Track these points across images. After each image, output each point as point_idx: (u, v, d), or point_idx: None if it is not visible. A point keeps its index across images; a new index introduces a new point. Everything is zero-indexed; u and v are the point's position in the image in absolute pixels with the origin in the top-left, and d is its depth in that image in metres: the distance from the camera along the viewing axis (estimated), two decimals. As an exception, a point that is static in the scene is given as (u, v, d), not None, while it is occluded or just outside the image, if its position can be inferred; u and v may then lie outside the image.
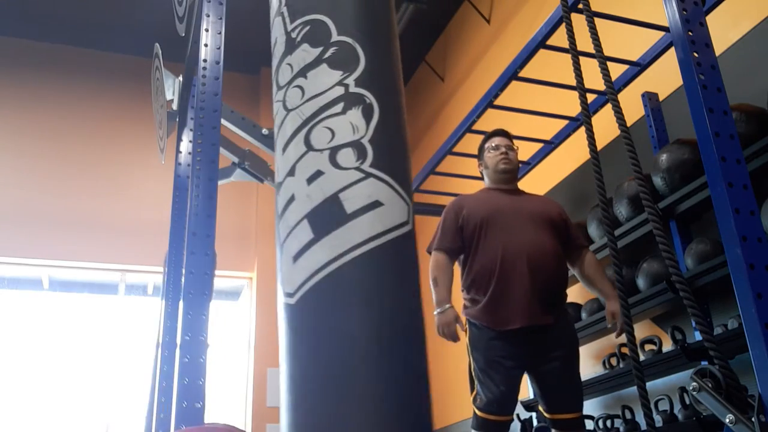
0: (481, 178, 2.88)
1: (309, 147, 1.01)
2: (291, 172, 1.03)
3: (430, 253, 2.67)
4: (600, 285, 2.65)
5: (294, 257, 0.98)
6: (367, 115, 1.02)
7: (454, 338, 2.52)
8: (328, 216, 0.96)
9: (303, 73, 1.06)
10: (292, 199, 1.01)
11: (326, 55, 1.05)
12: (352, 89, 1.03)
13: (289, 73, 1.09)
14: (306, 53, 1.07)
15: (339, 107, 1.02)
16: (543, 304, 2.44)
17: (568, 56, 2.18)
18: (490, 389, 2.36)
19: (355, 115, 1.02)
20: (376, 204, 0.97)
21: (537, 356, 2.42)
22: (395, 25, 1.17)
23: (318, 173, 0.99)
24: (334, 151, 0.99)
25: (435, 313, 2.53)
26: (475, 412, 2.41)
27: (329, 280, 0.93)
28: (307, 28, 1.08)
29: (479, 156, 2.86)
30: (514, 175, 2.79)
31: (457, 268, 2.67)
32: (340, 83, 1.03)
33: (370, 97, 1.03)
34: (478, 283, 2.52)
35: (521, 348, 2.41)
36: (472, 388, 2.47)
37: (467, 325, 2.56)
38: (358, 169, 0.98)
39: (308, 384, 0.90)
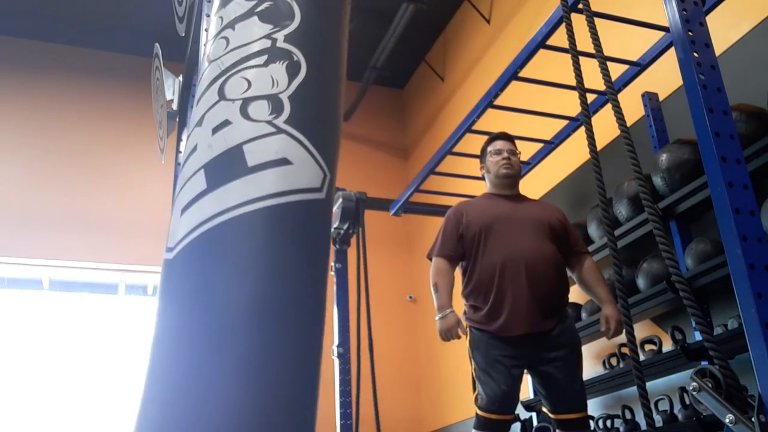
0: (482, 179, 2.88)
1: (222, 96, 0.93)
2: (199, 122, 0.93)
3: (430, 259, 2.68)
4: (596, 290, 2.66)
5: (183, 209, 0.88)
6: (292, 71, 0.95)
7: (457, 337, 2.57)
8: (226, 167, 0.86)
9: (232, 24, 1.00)
10: (194, 149, 0.91)
11: (259, 9, 0.99)
12: (280, 44, 0.96)
13: (218, 26, 1.03)
14: (238, 6, 1.01)
15: (261, 59, 0.95)
16: (543, 311, 2.46)
17: (568, 56, 2.19)
18: (491, 388, 2.37)
19: (278, 69, 0.94)
20: (283, 161, 0.87)
21: (538, 357, 2.43)
22: None
23: (225, 123, 0.90)
24: (246, 102, 0.91)
25: (437, 318, 2.57)
26: (476, 412, 2.42)
27: (213, 233, 0.82)
28: None
29: (481, 158, 2.86)
30: (515, 180, 2.78)
31: (457, 273, 2.68)
32: (267, 36, 0.97)
33: (298, 55, 0.96)
34: (477, 291, 2.54)
35: (522, 350, 2.43)
36: (474, 389, 2.49)
37: (468, 329, 2.58)
38: (270, 123, 0.90)
39: (172, 347, 0.78)
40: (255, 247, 0.82)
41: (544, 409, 2.55)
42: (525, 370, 2.50)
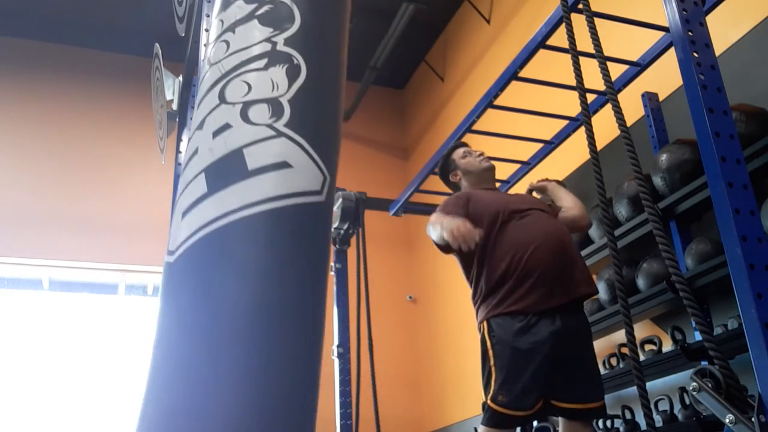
0: (456, 191, 2.83)
1: (222, 100, 0.94)
2: (200, 126, 0.94)
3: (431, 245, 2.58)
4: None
5: (183, 212, 0.88)
6: (292, 75, 0.95)
7: (472, 235, 2.22)
8: (227, 170, 0.87)
9: (232, 28, 1.00)
10: (195, 153, 0.92)
11: (259, 12, 1.00)
12: (280, 47, 0.97)
13: (218, 29, 1.03)
14: (239, 9, 1.01)
15: (261, 63, 0.95)
16: (579, 277, 2.42)
17: (568, 56, 2.19)
18: (516, 383, 2.26)
19: (278, 72, 0.95)
20: (283, 165, 0.88)
21: (559, 347, 2.33)
22: None
23: (225, 126, 0.91)
24: (247, 105, 0.92)
25: (444, 223, 2.31)
26: (492, 408, 2.28)
27: (213, 237, 0.82)
28: None
29: (449, 168, 2.84)
30: (494, 175, 2.84)
31: (461, 279, 2.63)
32: (267, 40, 0.97)
33: (298, 58, 0.96)
34: (503, 275, 2.40)
35: (549, 339, 2.31)
36: (489, 385, 2.33)
37: (487, 328, 2.41)
38: (270, 126, 0.90)
39: (173, 351, 0.79)
40: (255, 251, 0.82)
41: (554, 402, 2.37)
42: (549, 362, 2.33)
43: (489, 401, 2.29)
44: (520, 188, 2.86)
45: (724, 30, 3.03)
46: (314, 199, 0.88)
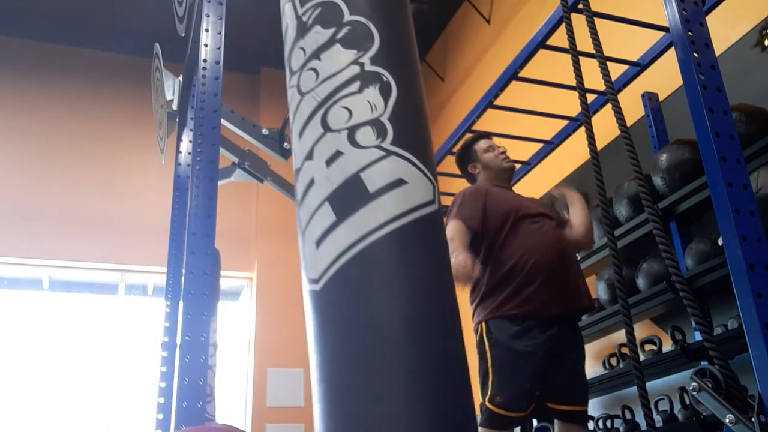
0: (472, 181, 2.84)
1: (326, 128, 0.97)
2: (309, 156, 0.98)
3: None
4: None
5: (317, 242, 0.93)
6: (385, 93, 0.99)
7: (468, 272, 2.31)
8: (350, 197, 0.91)
9: (316, 55, 1.03)
10: (311, 182, 0.96)
11: (339, 36, 1.02)
12: (368, 68, 1.00)
13: (302, 57, 1.06)
14: (318, 35, 1.04)
15: (355, 86, 0.98)
16: (578, 290, 2.46)
17: (568, 56, 2.19)
18: (514, 384, 2.30)
19: (373, 93, 0.98)
20: (399, 182, 0.92)
21: (561, 350, 2.38)
22: (407, 1, 1.14)
23: (337, 154, 0.95)
24: (352, 130, 0.95)
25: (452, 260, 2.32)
26: (490, 410, 2.31)
27: (354, 263, 0.88)
28: (318, 10, 1.05)
29: (468, 159, 2.82)
30: (512, 175, 2.82)
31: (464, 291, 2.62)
32: (355, 62, 1.00)
33: (386, 75, 1.00)
34: (507, 276, 2.42)
35: (552, 333, 2.36)
36: (485, 387, 2.36)
37: (485, 330, 2.43)
38: (378, 147, 0.94)
39: (336, 377, 0.86)
40: (393, 270, 0.88)
41: (550, 404, 2.42)
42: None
43: (486, 402, 2.32)
44: (520, 188, 2.85)
45: (724, 30, 3.03)
46: (431, 209, 0.93)
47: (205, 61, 2.57)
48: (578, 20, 2.20)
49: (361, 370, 0.83)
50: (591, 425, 3.39)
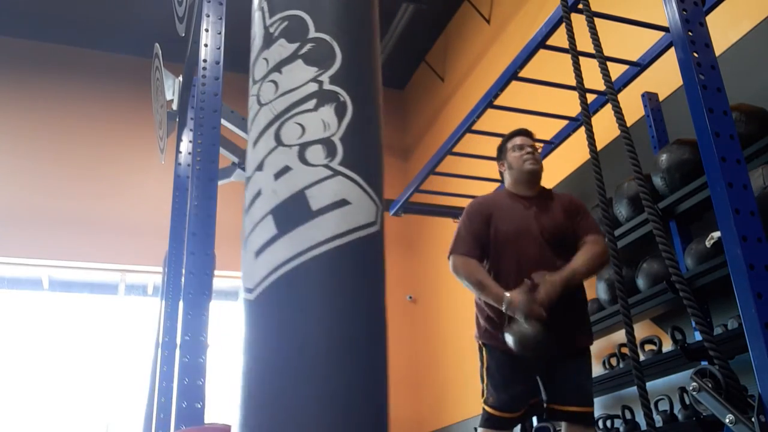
0: (500, 180, 2.78)
1: (279, 142, 1.00)
2: (260, 167, 1.01)
3: (449, 257, 2.52)
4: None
5: (256, 252, 0.97)
6: (340, 113, 1.01)
7: (540, 313, 2.24)
8: (292, 212, 0.94)
9: (278, 68, 1.05)
10: (258, 194, 1.00)
11: (302, 51, 1.04)
12: (326, 86, 1.02)
13: (264, 68, 1.09)
14: (282, 48, 1.06)
15: (311, 104, 1.01)
16: (560, 334, 2.30)
17: (568, 56, 2.19)
18: (504, 391, 2.36)
19: (328, 112, 1.00)
20: (342, 202, 0.96)
21: (553, 358, 2.39)
22: (377, 22, 1.15)
23: (286, 169, 0.97)
24: (303, 147, 0.98)
25: (504, 309, 2.30)
26: (485, 409, 2.39)
27: (289, 276, 0.91)
28: (285, 23, 1.07)
29: (499, 157, 2.70)
30: (539, 177, 2.62)
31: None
32: (314, 80, 1.02)
33: (344, 95, 1.02)
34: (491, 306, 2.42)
35: (536, 365, 2.38)
36: (483, 386, 2.45)
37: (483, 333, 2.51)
38: (326, 166, 0.97)
39: (256, 387, 0.89)
40: (328, 286, 0.91)
41: (557, 406, 2.43)
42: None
43: (482, 403, 2.38)
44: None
45: (724, 30, 3.03)
46: (371, 230, 0.97)
47: (205, 61, 2.58)
48: (578, 20, 2.20)
49: (281, 384, 0.86)
50: (591, 425, 3.39)
